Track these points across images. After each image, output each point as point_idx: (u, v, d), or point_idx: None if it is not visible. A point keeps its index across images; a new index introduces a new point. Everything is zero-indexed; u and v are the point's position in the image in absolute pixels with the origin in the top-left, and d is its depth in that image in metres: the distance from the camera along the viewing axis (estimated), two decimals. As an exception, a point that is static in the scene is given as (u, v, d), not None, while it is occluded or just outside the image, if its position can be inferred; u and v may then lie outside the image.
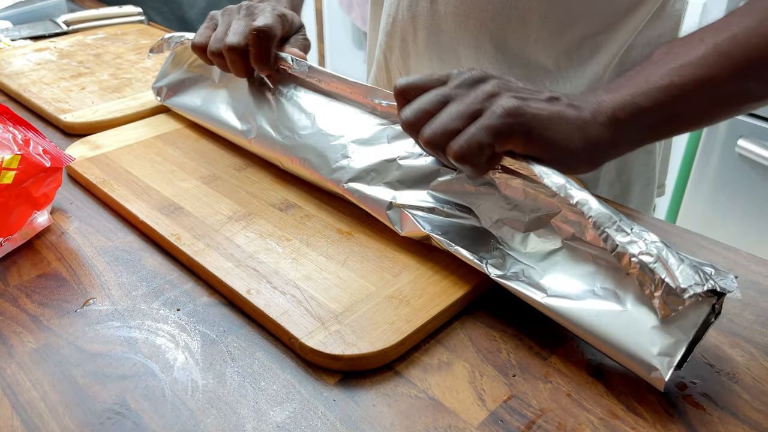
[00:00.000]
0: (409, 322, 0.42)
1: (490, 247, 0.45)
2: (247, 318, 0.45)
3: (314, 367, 0.41)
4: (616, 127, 0.44)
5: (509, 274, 0.43)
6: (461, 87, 0.45)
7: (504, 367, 0.41)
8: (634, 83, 0.45)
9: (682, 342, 0.37)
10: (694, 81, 0.44)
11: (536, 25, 0.62)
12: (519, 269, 0.43)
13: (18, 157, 0.50)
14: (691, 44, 0.46)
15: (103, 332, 0.43)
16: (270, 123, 0.60)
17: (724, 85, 0.45)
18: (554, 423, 0.37)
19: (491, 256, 0.45)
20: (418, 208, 0.48)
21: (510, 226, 0.45)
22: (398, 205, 0.49)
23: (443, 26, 0.66)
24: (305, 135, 0.56)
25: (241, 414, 0.37)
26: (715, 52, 0.44)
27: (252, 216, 0.54)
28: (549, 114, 0.43)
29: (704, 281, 0.36)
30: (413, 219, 0.48)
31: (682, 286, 0.36)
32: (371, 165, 0.51)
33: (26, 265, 0.50)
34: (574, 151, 0.44)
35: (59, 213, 0.56)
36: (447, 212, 0.47)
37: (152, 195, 0.56)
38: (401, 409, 0.38)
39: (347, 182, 0.52)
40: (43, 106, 0.75)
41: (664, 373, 0.36)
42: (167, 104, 0.72)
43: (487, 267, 0.44)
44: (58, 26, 1.03)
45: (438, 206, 0.48)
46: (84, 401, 0.38)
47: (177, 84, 0.71)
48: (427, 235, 0.47)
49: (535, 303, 0.41)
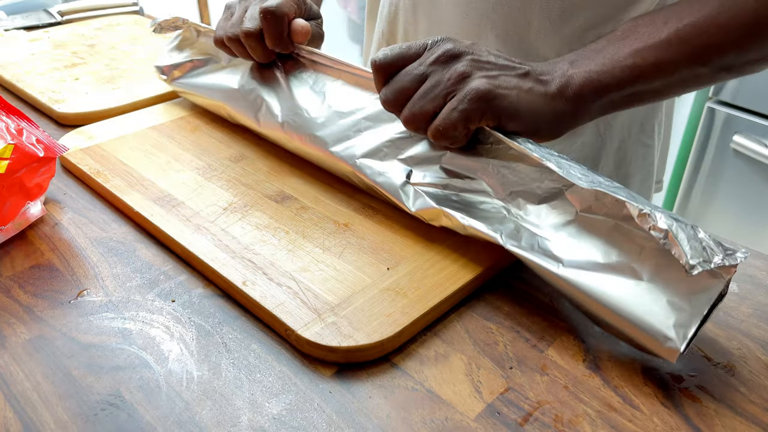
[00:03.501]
0: (406, 314, 0.42)
1: (504, 220, 0.46)
2: (242, 309, 0.44)
3: (310, 359, 0.41)
4: (580, 101, 0.47)
5: (524, 244, 0.43)
6: (436, 63, 0.47)
7: (501, 359, 0.41)
8: (599, 59, 0.48)
9: (697, 315, 0.37)
10: (655, 64, 0.48)
11: (537, 15, 0.61)
12: (533, 240, 0.43)
13: (11, 146, 0.50)
14: (654, 25, 0.49)
15: (97, 323, 0.43)
16: (280, 102, 0.60)
17: (681, 69, 0.48)
18: (551, 415, 0.37)
19: (505, 228, 0.45)
20: (430, 184, 0.49)
21: (523, 198, 0.45)
22: (412, 183, 0.49)
23: (444, 16, 0.66)
24: (316, 113, 0.57)
25: (237, 406, 0.37)
26: (677, 38, 0.47)
27: (248, 207, 0.53)
28: (518, 93, 0.46)
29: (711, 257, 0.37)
30: (425, 196, 0.48)
31: (690, 262, 0.37)
32: (383, 142, 0.52)
33: (19, 255, 0.49)
34: (540, 124, 0.47)
35: (52, 204, 0.56)
36: (460, 187, 0.48)
37: (147, 186, 0.56)
38: (398, 401, 0.38)
39: (360, 158, 0.52)
40: (36, 96, 0.74)
41: (678, 344, 0.37)
42: (174, 85, 0.71)
43: (501, 238, 0.44)
44: (52, 16, 1.03)
45: (451, 182, 0.48)
46: (78, 392, 0.38)
47: (184, 65, 0.70)
48: (439, 211, 0.47)
49: (549, 274, 0.42)
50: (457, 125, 0.45)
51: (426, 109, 0.46)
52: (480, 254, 0.47)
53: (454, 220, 0.46)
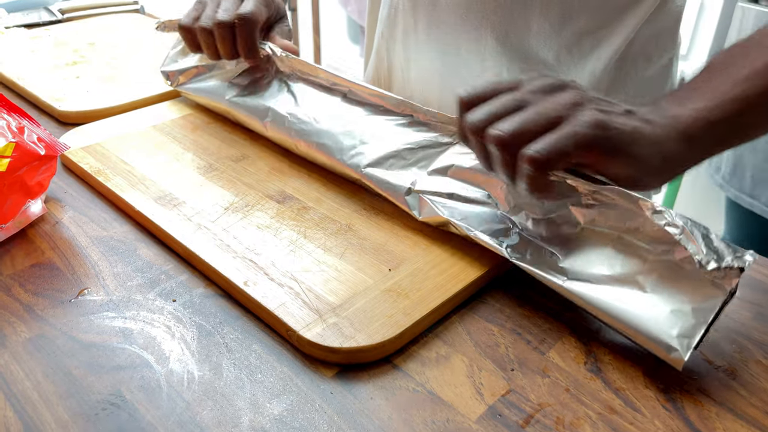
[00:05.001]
0: (408, 316, 0.42)
1: (509, 232, 0.46)
2: (243, 310, 0.44)
3: (311, 359, 0.41)
4: (689, 142, 0.43)
5: (528, 257, 0.44)
6: (537, 93, 0.43)
7: (502, 361, 0.41)
8: (702, 96, 0.44)
9: (700, 325, 0.38)
10: (763, 91, 0.44)
11: (537, 18, 0.62)
12: (538, 253, 0.44)
13: (12, 144, 0.49)
14: (750, 53, 0.45)
15: (97, 323, 0.43)
16: (287, 108, 0.60)
17: None
18: (552, 417, 0.37)
19: (510, 240, 0.45)
20: (436, 193, 0.49)
21: (528, 210, 0.45)
22: (417, 190, 0.49)
23: (444, 17, 0.66)
24: (323, 120, 0.57)
25: (238, 406, 0.37)
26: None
27: (249, 207, 0.53)
28: (631, 130, 0.41)
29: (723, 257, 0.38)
30: (432, 204, 0.48)
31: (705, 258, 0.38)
32: (390, 152, 0.52)
33: (20, 254, 0.49)
34: (651, 168, 0.42)
35: (53, 202, 0.56)
36: (465, 197, 0.48)
37: (148, 185, 0.56)
38: (399, 403, 0.38)
39: (365, 167, 0.52)
40: (37, 95, 0.74)
41: (683, 354, 0.37)
42: (179, 89, 0.72)
43: (506, 251, 0.44)
44: (53, 14, 1.02)
45: (456, 192, 0.48)
46: (78, 392, 0.38)
47: (189, 71, 0.71)
48: (445, 220, 0.47)
49: (555, 286, 0.42)
50: (563, 153, 0.40)
51: (528, 128, 0.41)
52: (482, 256, 0.47)
53: (460, 230, 0.47)
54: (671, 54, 0.69)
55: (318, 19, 2.33)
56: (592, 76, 0.64)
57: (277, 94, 0.62)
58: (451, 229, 0.48)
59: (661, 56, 0.68)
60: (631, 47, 0.64)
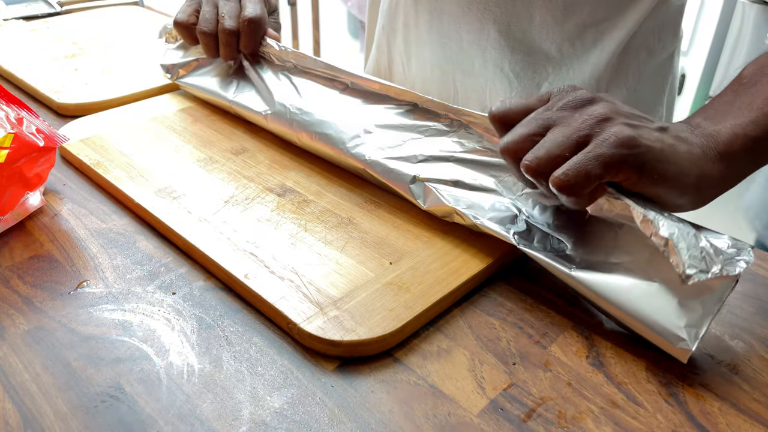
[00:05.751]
0: (409, 309, 0.41)
1: (515, 219, 0.46)
2: (243, 302, 0.44)
3: (312, 352, 0.40)
4: (728, 161, 0.41)
5: (536, 245, 0.43)
6: (566, 109, 0.42)
7: (504, 355, 0.40)
8: (736, 111, 0.43)
9: (707, 315, 0.38)
10: None
11: (540, 10, 0.61)
12: (545, 241, 0.44)
13: (11, 135, 0.49)
14: None
15: (96, 315, 0.43)
16: (288, 100, 0.60)
17: None
18: (554, 411, 0.37)
19: (517, 227, 0.45)
20: (441, 181, 0.49)
21: (535, 197, 0.45)
22: (422, 179, 0.49)
23: (446, 9, 0.66)
24: (325, 111, 0.57)
25: (238, 399, 0.37)
26: None
27: (249, 200, 0.53)
28: (662, 146, 0.40)
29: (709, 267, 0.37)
30: (437, 192, 0.48)
31: (687, 272, 0.37)
32: (393, 141, 0.52)
33: (18, 246, 0.49)
34: (686, 187, 0.41)
35: (52, 194, 0.55)
36: (471, 185, 0.48)
37: (148, 178, 0.56)
38: (400, 396, 0.37)
39: (369, 156, 0.52)
40: (36, 87, 0.73)
41: (690, 344, 0.37)
42: (179, 83, 0.71)
43: (513, 238, 0.44)
44: (52, 6, 1.02)
45: (462, 179, 0.48)
46: (77, 384, 0.38)
47: (189, 64, 0.71)
48: (451, 210, 0.47)
49: (562, 274, 0.42)
50: (591, 176, 0.38)
51: (554, 154, 0.40)
52: (483, 250, 0.47)
53: (466, 219, 0.47)
54: (673, 48, 0.69)
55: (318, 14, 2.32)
56: (594, 68, 0.64)
57: (278, 86, 0.62)
58: (456, 218, 0.47)
59: (662, 50, 0.67)
60: (633, 40, 0.64)
